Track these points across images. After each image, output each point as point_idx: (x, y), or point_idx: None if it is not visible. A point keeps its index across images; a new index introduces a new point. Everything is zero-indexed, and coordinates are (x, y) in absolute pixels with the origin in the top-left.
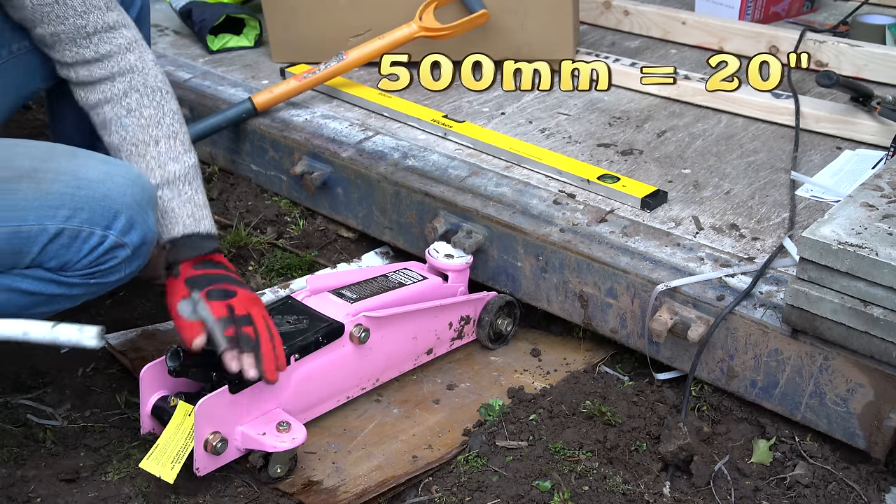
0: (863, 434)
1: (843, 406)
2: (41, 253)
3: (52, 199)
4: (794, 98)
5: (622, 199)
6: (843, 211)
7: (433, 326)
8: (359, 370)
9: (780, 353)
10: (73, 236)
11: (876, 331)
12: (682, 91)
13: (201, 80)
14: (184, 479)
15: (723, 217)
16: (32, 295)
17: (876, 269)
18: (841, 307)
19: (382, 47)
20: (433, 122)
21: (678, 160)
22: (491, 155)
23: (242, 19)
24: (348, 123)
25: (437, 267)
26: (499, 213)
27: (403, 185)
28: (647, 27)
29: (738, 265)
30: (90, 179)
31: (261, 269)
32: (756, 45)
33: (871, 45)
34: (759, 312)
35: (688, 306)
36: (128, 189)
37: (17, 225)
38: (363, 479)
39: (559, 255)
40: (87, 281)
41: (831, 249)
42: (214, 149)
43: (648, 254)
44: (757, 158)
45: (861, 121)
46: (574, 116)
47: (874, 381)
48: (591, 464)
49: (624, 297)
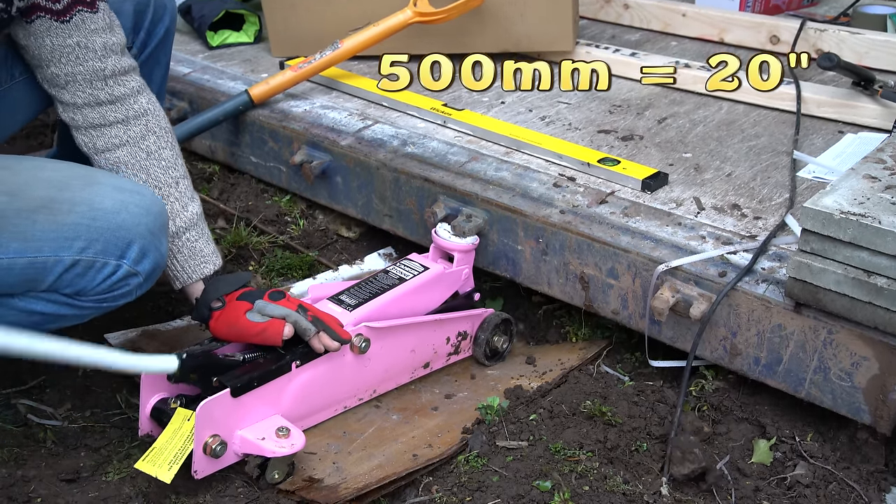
0: (868, 409)
1: (847, 381)
2: (56, 281)
3: (68, 231)
4: (794, 83)
5: (623, 181)
6: (845, 182)
7: (431, 340)
8: (357, 380)
9: (783, 329)
10: (88, 266)
11: (880, 301)
12: (682, 80)
13: (201, 75)
14: (184, 479)
15: (724, 198)
16: (45, 315)
17: (879, 237)
18: (844, 278)
19: (378, 34)
20: (432, 111)
21: (679, 145)
22: (490, 141)
23: (242, 15)
24: (347, 113)
25: (443, 247)
26: (499, 196)
27: (403, 172)
28: (647, 20)
29: (739, 243)
30: (105, 210)
31: (261, 269)
32: (757, 36)
33: (872, 33)
34: (761, 288)
35: (689, 284)
36: (142, 218)
37: (34, 256)
38: (364, 477)
39: (559, 237)
40: (100, 305)
41: (834, 219)
42: (214, 142)
43: (649, 233)
44: (758, 142)
45: (863, 104)
46: (574, 105)
47: (879, 353)
48: (591, 464)
49: (625, 277)
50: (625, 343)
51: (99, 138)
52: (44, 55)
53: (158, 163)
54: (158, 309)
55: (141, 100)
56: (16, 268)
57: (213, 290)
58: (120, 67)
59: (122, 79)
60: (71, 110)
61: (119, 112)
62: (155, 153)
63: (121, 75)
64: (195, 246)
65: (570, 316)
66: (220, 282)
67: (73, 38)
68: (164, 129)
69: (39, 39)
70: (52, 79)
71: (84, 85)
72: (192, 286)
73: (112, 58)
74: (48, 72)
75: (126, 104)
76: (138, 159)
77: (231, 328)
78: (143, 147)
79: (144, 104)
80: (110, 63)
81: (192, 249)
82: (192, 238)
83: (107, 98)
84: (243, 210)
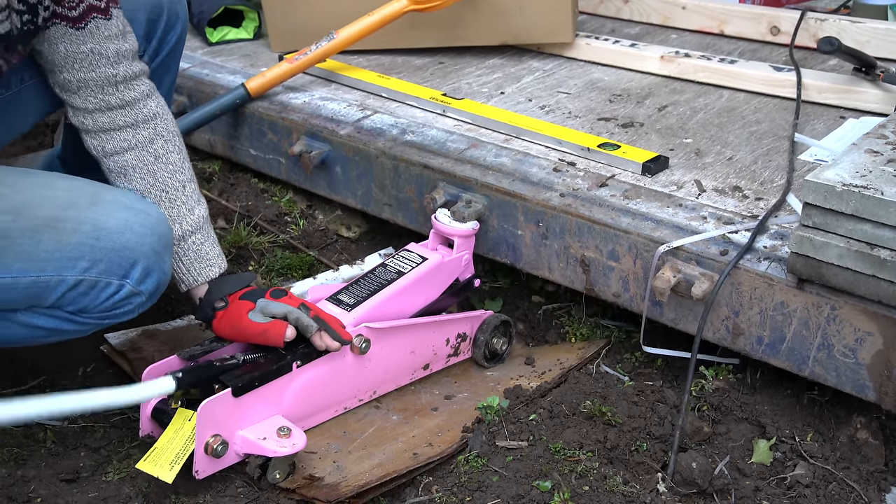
0: (872, 385)
1: (851, 357)
2: (60, 299)
3: (72, 251)
4: (795, 69)
5: (623, 165)
6: (847, 157)
7: (431, 341)
8: (358, 380)
9: (786, 306)
10: (91, 286)
11: (883, 273)
12: (682, 69)
13: (200, 69)
14: (184, 479)
15: (725, 180)
16: (48, 330)
17: (882, 208)
18: (847, 251)
19: (373, 24)
20: (432, 100)
21: (679, 131)
22: (490, 129)
23: (241, 11)
24: (346, 104)
25: (443, 232)
26: (498, 181)
27: (402, 159)
28: (646, 14)
29: (741, 223)
30: (110, 230)
31: (261, 269)
32: (757, 27)
33: (873, 21)
34: (763, 265)
35: (691, 263)
36: (146, 238)
37: (38, 275)
38: (364, 475)
39: (560, 220)
40: (102, 322)
41: (836, 191)
42: (213, 135)
43: (650, 214)
44: (759, 128)
45: (864, 89)
46: (574, 94)
47: (883, 328)
48: (591, 464)
49: (626, 259)
50: (624, 343)
51: (108, 142)
52: (57, 61)
53: (166, 166)
54: (158, 309)
55: (150, 104)
56: (19, 287)
57: (217, 290)
58: (131, 72)
59: (133, 83)
60: (81, 115)
61: (129, 116)
62: (163, 157)
63: (131, 80)
64: (201, 249)
65: (570, 316)
66: (224, 282)
67: (87, 45)
68: (173, 132)
69: (54, 45)
70: (64, 84)
71: (96, 90)
72: (197, 288)
73: (124, 63)
74: (60, 77)
75: (136, 108)
76: (146, 163)
77: (234, 328)
78: (150, 151)
79: (154, 108)
80: (122, 69)
81: (198, 253)
82: (197, 241)
83: (117, 103)
84: (243, 209)
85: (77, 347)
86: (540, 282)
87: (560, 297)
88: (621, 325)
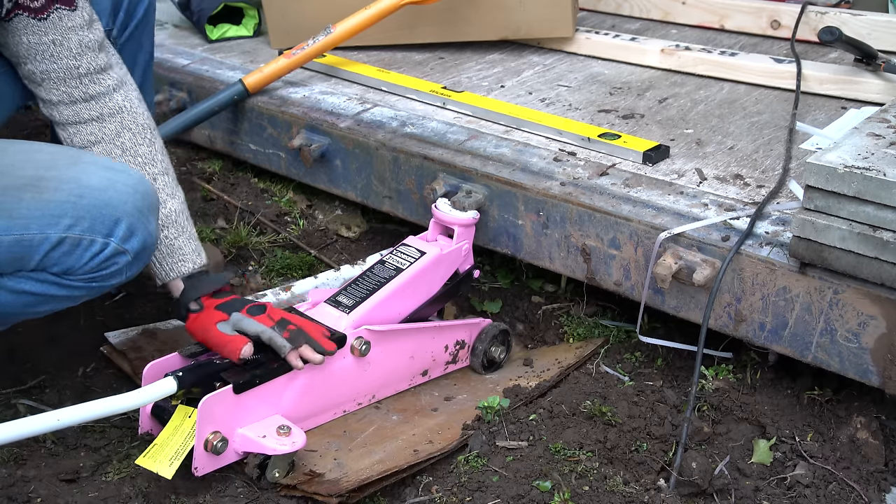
0: (876, 369)
1: (854, 341)
2: (44, 259)
3: (55, 208)
4: (795, 61)
5: (623, 154)
6: (849, 140)
7: (430, 347)
8: (357, 383)
9: (789, 291)
10: (75, 244)
11: (886, 255)
12: (683, 62)
13: (199, 65)
14: (183, 479)
15: (727, 169)
16: (36, 295)
17: (884, 189)
18: (849, 234)
19: (370, 17)
20: (432, 93)
21: (680, 122)
22: (490, 121)
23: (241, 9)
24: (346, 98)
25: (443, 221)
26: (498, 171)
27: (402, 151)
28: (646, 10)
29: (742, 209)
30: (92, 187)
31: (261, 270)
32: (758, 21)
33: (874, 14)
34: (765, 251)
35: (692, 250)
36: (129, 196)
37: (21, 233)
38: (365, 471)
39: (560, 209)
40: (90, 284)
41: (838, 173)
42: (213, 131)
43: (651, 202)
44: (761, 119)
45: (866, 80)
46: (574, 87)
47: (886, 311)
48: (591, 464)
49: (627, 247)
50: (624, 343)
51: (76, 135)
52: (21, 52)
53: (134, 159)
54: (158, 309)
55: (117, 97)
56: (2, 245)
57: (192, 290)
58: (95, 65)
59: (98, 77)
60: (48, 107)
61: (93, 110)
62: (130, 150)
63: (96, 73)
64: (174, 244)
65: (569, 316)
66: (200, 281)
67: (48, 36)
68: (142, 125)
69: (17, 37)
70: (28, 75)
71: (58, 83)
72: (174, 283)
73: (87, 55)
74: (25, 69)
75: (100, 102)
76: (113, 156)
77: (203, 334)
78: (117, 144)
79: (120, 102)
80: (85, 61)
81: (171, 247)
82: (170, 236)
83: (81, 96)
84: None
85: (77, 347)
86: (540, 282)
87: (560, 297)
88: (620, 325)
